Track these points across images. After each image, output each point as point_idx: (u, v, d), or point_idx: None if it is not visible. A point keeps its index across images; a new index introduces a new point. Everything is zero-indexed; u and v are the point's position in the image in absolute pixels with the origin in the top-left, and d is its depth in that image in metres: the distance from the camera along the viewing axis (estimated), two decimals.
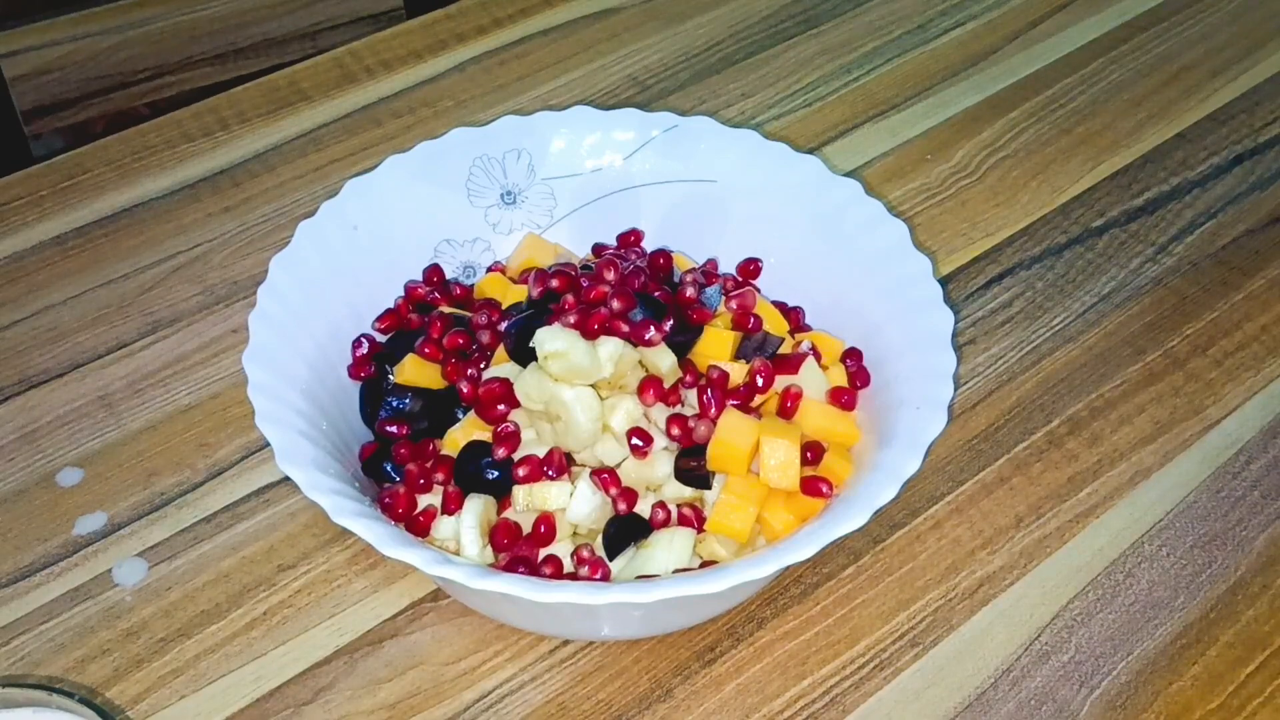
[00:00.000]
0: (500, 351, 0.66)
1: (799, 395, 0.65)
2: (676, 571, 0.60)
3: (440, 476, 0.63)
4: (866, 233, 0.71)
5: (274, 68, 0.96)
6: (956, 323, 0.65)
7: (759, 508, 0.61)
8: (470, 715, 0.61)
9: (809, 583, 0.66)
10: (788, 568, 0.58)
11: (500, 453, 0.62)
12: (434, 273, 0.72)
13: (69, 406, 0.73)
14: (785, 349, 0.68)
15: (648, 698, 0.61)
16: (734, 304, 0.68)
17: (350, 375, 0.68)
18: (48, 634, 0.63)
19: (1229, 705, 0.61)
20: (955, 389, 0.62)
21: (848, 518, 0.57)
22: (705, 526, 0.62)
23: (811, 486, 0.62)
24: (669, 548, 0.61)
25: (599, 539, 0.62)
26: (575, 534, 0.62)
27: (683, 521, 0.62)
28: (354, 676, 0.62)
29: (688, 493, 0.63)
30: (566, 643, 0.63)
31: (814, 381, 0.67)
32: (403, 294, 0.72)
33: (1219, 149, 0.91)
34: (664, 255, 0.71)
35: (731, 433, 0.62)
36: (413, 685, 0.61)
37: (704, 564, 0.61)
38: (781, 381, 0.66)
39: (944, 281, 0.75)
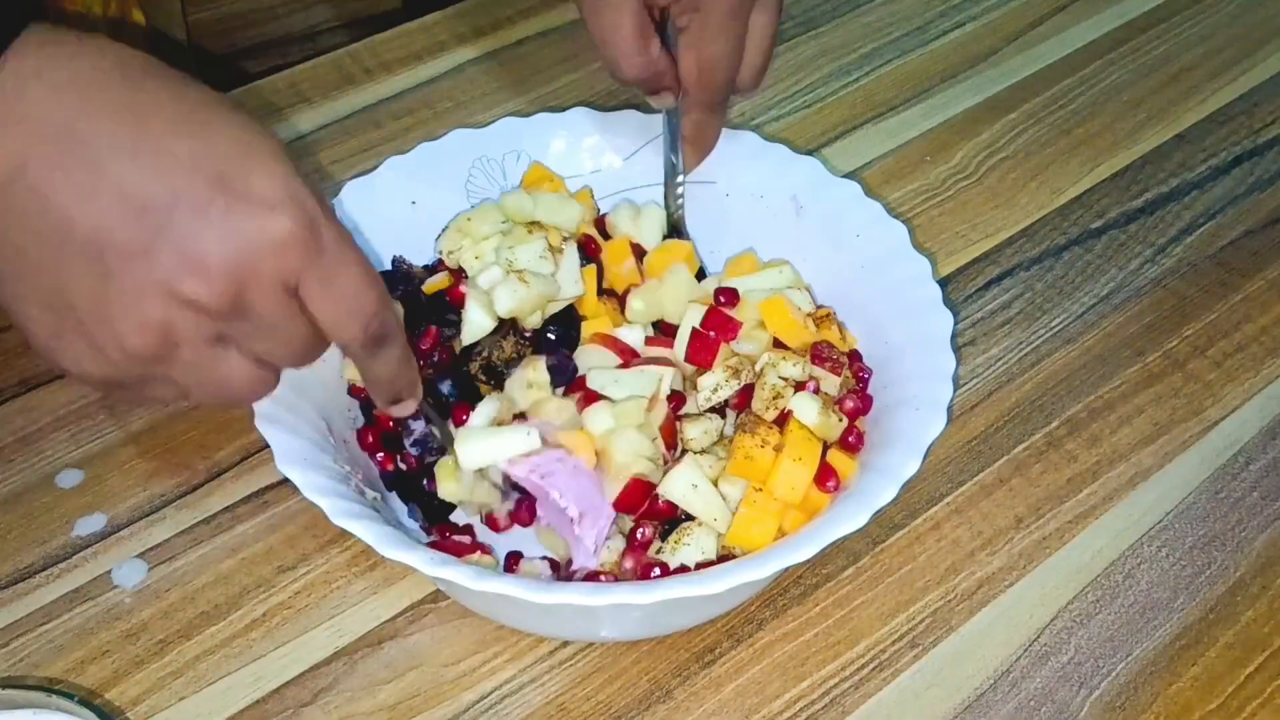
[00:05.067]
0: None
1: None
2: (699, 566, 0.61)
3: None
4: (866, 234, 0.71)
5: (274, 69, 0.96)
6: (956, 324, 0.65)
7: (779, 520, 0.61)
8: (470, 716, 0.61)
9: (808, 584, 0.66)
10: (787, 569, 0.58)
11: None
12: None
13: (69, 408, 0.72)
14: (798, 372, 0.67)
15: (647, 699, 0.61)
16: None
17: (351, 393, 0.68)
18: (47, 635, 0.63)
19: (1228, 706, 0.62)
20: (955, 390, 0.62)
21: (847, 519, 0.57)
22: (727, 538, 0.62)
23: (820, 481, 0.62)
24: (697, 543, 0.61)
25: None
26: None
27: None
28: (354, 678, 0.62)
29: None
30: (566, 644, 0.63)
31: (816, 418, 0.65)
32: None
33: (1218, 150, 0.91)
34: None
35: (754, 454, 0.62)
36: (412, 686, 0.61)
37: (700, 565, 0.61)
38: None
39: (943, 283, 0.75)
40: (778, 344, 0.68)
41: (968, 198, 0.88)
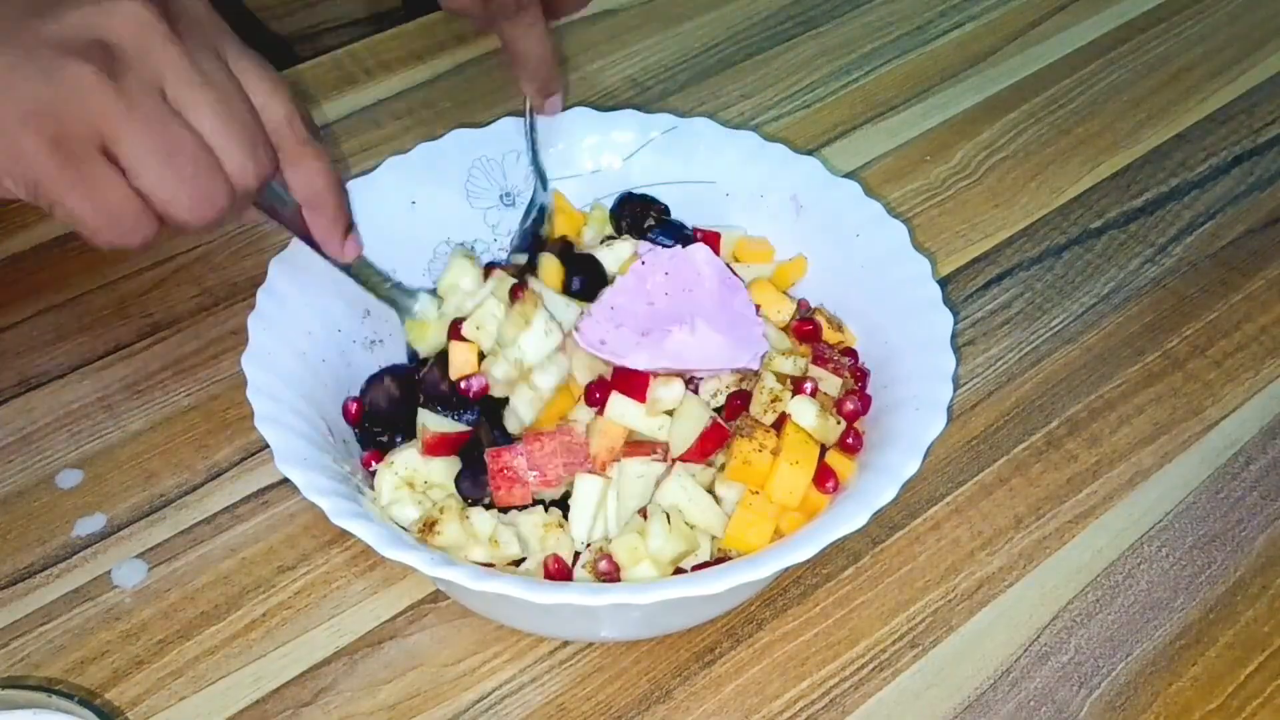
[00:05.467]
0: None
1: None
2: (678, 572, 0.60)
3: None
4: (866, 234, 0.71)
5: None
6: (956, 324, 0.65)
7: (775, 522, 0.61)
8: (470, 716, 0.61)
9: (808, 584, 0.66)
10: (787, 569, 0.58)
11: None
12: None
13: (68, 408, 0.73)
14: (792, 366, 0.67)
15: (647, 699, 0.61)
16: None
17: (348, 420, 0.67)
18: (47, 635, 0.63)
19: (1228, 706, 0.62)
20: (954, 390, 0.62)
21: (847, 518, 0.57)
22: (724, 541, 0.62)
23: (819, 482, 0.62)
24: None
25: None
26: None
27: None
28: (354, 678, 0.62)
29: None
30: (566, 644, 0.63)
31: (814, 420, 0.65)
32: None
33: (1218, 150, 0.91)
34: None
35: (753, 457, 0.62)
36: (412, 686, 0.61)
37: (696, 567, 0.61)
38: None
39: (943, 282, 0.75)
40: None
41: (968, 198, 0.88)
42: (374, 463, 0.65)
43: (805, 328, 0.69)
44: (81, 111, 0.53)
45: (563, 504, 0.63)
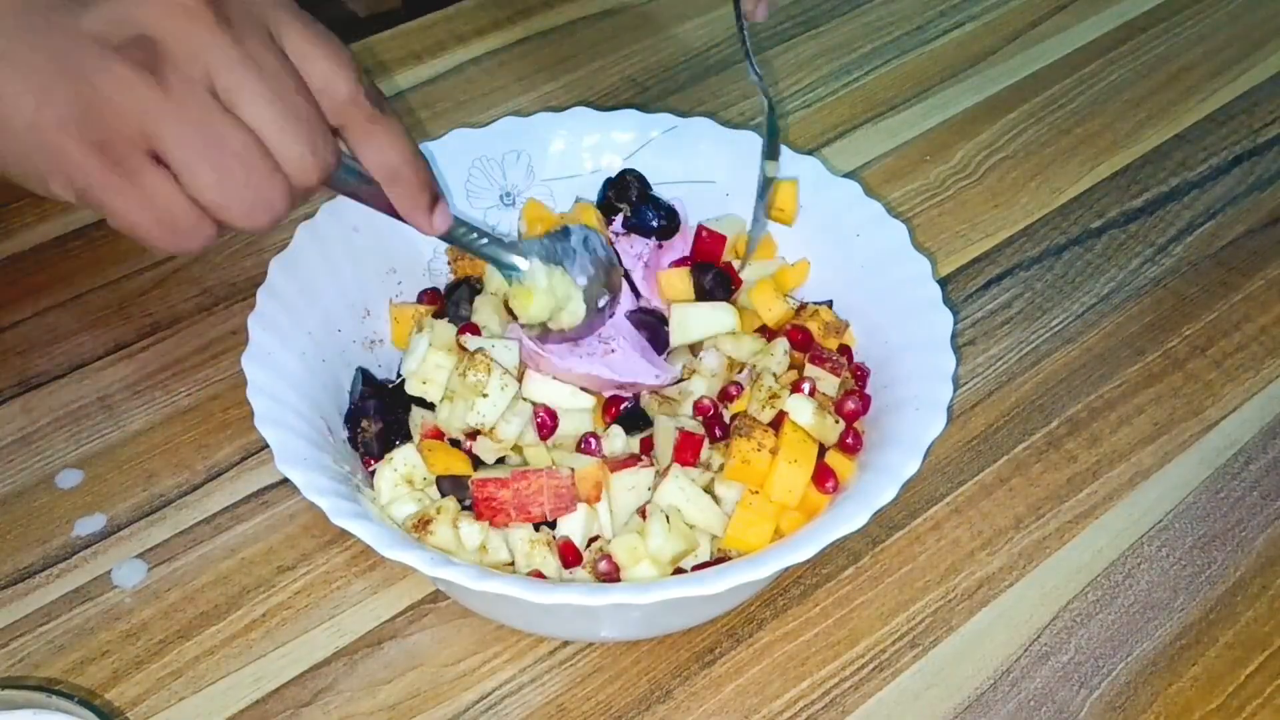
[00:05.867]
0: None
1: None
2: (676, 572, 0.60)
3: None
4: (866, 234, 0.71)
5: None
6: (956, 324, 0.65)
7: (774, 522, 0.61)
8: (470, 716, 0.61)
9: (808, 584, 0.66)
10: (787, 569, 0.58)
11: None
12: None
13: (68, 408, 0.73)
14: (779, 365, 0.68)
15: (647, 699, 0.61)
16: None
17: (346, 420, 0.68)
18: (47, 635, 0.63)
19: (1228, 706, 0.62)
20: (955, 390, 0.62)
21: (847, 519, 0.57)
22: (724, 541, 0.62)
23: (818, 482, 0.62)
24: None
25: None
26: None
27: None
28: (353, 678, 0.62)
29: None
30: (566, 644, 0.63)
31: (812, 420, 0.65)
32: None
33: (1218, 150, 0.91)
34: None
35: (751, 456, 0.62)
36: (412, 686, 0.61)
37: (696, 567, 0.61)
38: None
39: (943, 282, 0.75)
40: (768, 335, 0.70)
41: (968, 197, 0.88)
42: (373, 462, 0.65)
43: (795, 335, 0.69)
44: (124, 113, 0.50)
45: (554, 522, 0.63)
